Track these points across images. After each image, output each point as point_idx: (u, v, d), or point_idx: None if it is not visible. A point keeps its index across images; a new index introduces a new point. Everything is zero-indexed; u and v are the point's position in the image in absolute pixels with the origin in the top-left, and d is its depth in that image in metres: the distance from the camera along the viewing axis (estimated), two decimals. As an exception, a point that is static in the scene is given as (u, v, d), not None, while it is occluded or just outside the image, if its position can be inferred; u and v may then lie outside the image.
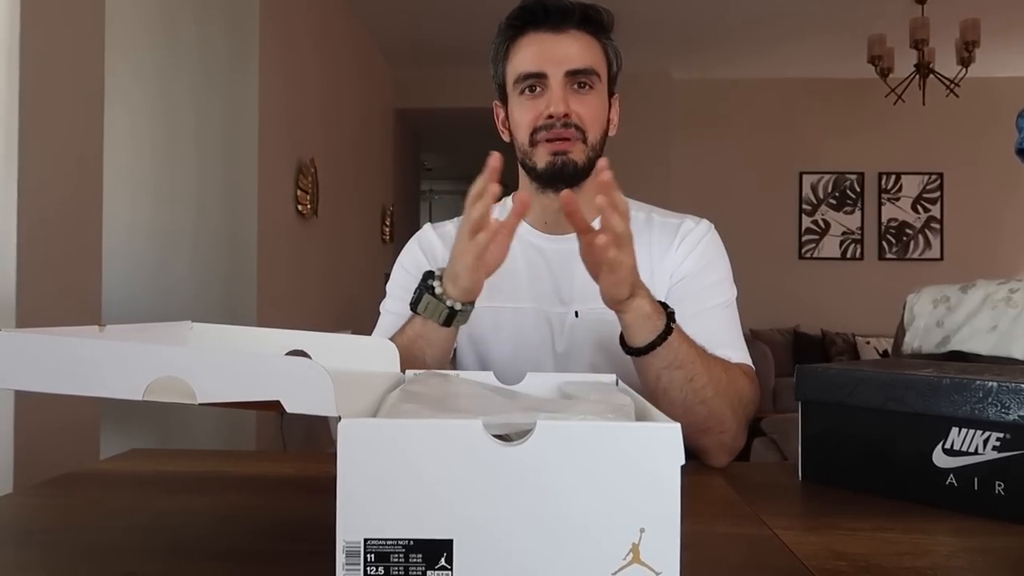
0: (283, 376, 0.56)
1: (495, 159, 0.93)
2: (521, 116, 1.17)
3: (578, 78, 1.14)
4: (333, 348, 0.92)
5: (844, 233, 6.36)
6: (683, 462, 0.55)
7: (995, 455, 0.77)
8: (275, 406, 0.56)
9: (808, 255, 6.36)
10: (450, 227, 1.31)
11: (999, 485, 0.76)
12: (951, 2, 4.48)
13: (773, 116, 6.29)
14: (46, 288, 1.68)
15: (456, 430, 0.55)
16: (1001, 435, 0.76)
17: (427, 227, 1.34)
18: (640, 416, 0.66)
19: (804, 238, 6.37)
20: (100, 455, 1.92)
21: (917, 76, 4.66)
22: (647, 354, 0.97)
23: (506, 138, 1.23)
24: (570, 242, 1.18)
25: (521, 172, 1.23)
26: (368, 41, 5.29)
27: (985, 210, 6.20)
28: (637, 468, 0.55)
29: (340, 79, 4.48)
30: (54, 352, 0.58)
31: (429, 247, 1.30)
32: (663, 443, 0.55)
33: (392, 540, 0.54)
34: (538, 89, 1.14)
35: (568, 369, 1.17)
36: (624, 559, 0.55)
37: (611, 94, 1.21)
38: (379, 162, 5.66)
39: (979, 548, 0.70)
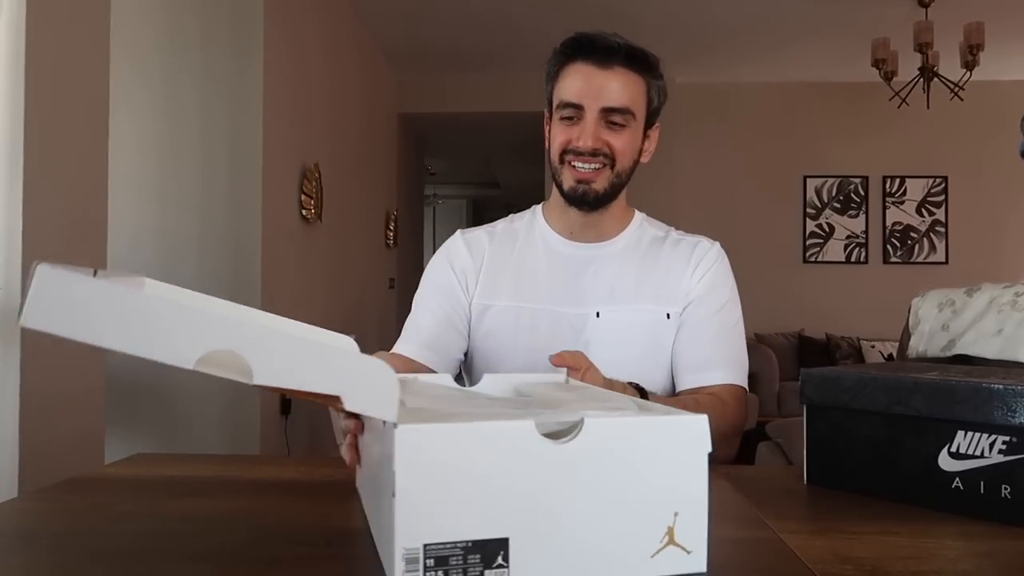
0: (349, 371, 0.54)
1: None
2: (556, 137, 1.26)
3: (612, 116, 1.22)
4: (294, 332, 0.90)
5: (849, 237, 6.35)
6: (711, 450, 0.60)
7: (1001, 459, 0.76)
8: (331, 400, 0.54)
9: (813, 259, 6.35)
10: (481, 233, 1.40)
11: (1005, 489, 0.76)
12: (955, 5, 4.48)
13: (777, 120, 6.29)
14: (51, 293, 1.68)
15: (510, 431, 0.56)
16: (1007, 438, 0.76)
17: (457, 235, 1.42)
18: (642, 410, 0.69)
19: (808, 242, 6.37)
20: (105, 460, 1.92)
21: (921, 79, 4.66)
22: None
23: (548, 145, 1.31)
24: (592, 249, 1.34)
25: (554, 184, 1.33)
26: (372, 45, 5.30)
27: (990, 213, 6.19)
28: (671, 457, 0.59)
29: (344, 84, 4.49)
30: (103, 298, 0.50)
31: (456, 255, 1.37)
32: (694, 433, 0.60)
33: (451, 543, 0.54)
34: (574, 118, 1.23)
35: None
36: (661, 541, 0.59)
37: (650, 126, 1.30)
38: (383, 166, 5.67)
39: (985, 552, 0.69)
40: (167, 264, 3.01)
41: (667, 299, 1.29)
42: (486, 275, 1.34)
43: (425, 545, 0.53)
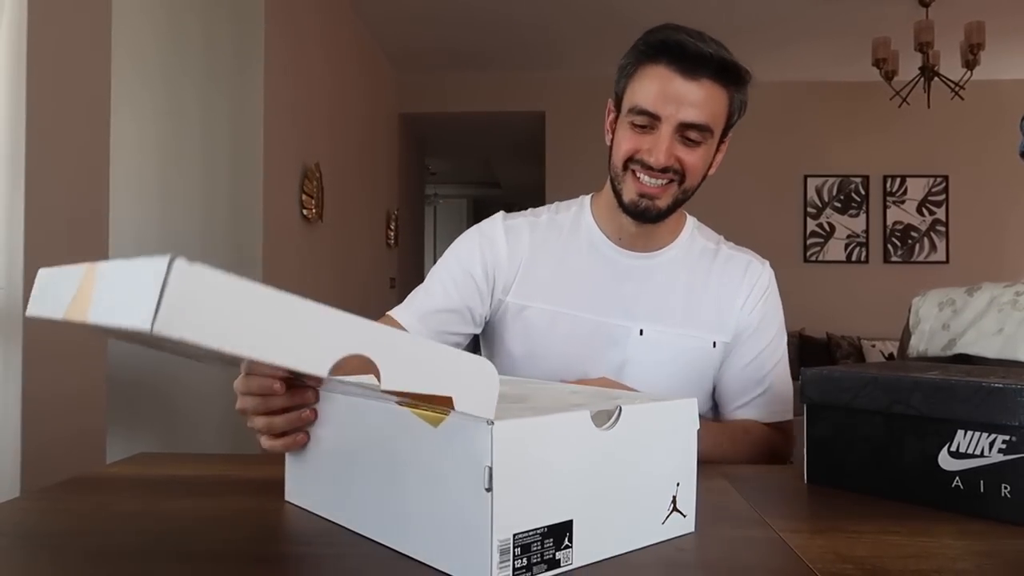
0: (460, 372, 0.55)
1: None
2: (623, 142, 1.15)
3: (689, 132, 1.11)
4: None
5: (849, 236, 6.35)
6: (699, 427, 0.71)
7: (1001, 458, 0.76)
8: (440, 401, 0.54)
9: (813, 258, 6.35)
10: (523, 223, 1.28)
11: (1005, 488, 0.76)
12: (956, 5, 4.47)
13: (777, 119, 6.28)
14: (53, 293, 1.68)
15: (575, 421, 0.61)
16: (1007, 438, 0.76)
17: (498, 220, 1.29)
18: (614, 398, 0.74)
19: (809, 241, 6.36)
20: (106, 459, 1.92)
21: (922, 79, 4.66)
22: None
23: (608, 140, 1.22)
24: (644, 259, 1.25)
25: (609, 181, 1.23)
26: (373, 45, 5.30)
27: (991, 213, 6.19)
28: (675, 436, 0.70)
29: (345, 83, 4.49)
30: (239, 300, 0.46)
31: (492, 245, 1.26)
32: (689, 415, 0.71)
33: (532, 530, 0.58)
34: (647, 127, 1.12)
35: (623, 382, 1.16)
36: (668, 508, 0.68)
37: (723, 139, 1.20)
38: (384, 166, 5.67)
39: (985, 551, 0.70)
40: (168, 264, 3.01)
41: (716, 327, 1.22)
42: (524, 272, 1.24)
43: (515, 535, 0.56)
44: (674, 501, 0.68)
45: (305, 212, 3.63)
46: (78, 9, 1.80)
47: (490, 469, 0.55)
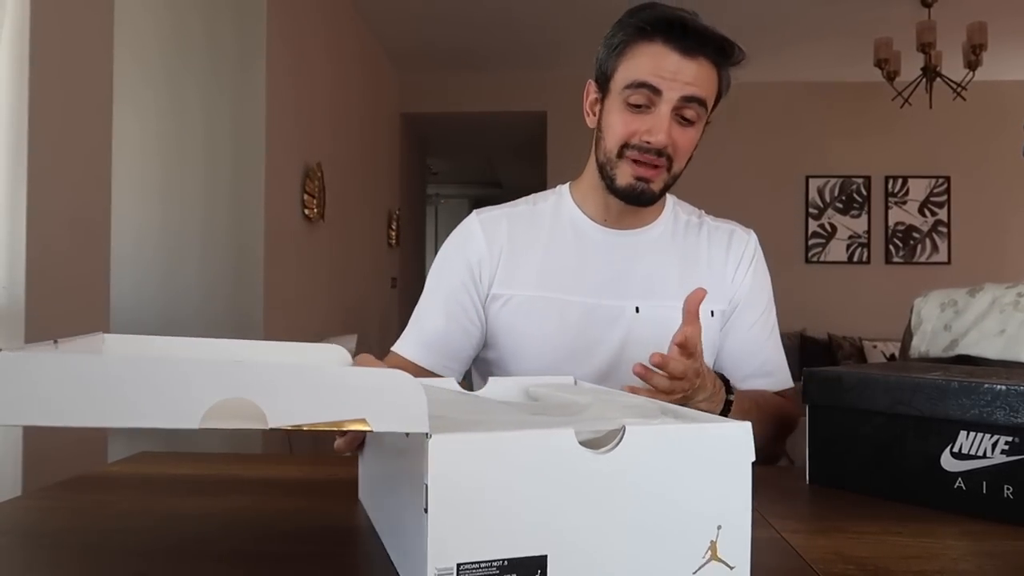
0: (369, 391, 0.50)
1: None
2: (618, 126, 1.12)
3: (689, 107, 1.09)
4: (283, 357, 0.84)
5: (851, 237, 6.34)
6: (754, 459, 0.57)
7: (1003, 459, 0.76)
8: (358, 424, 0.50)
9: (815, 259, 6.35)
10: (499, 215, 1.26)
11: (1007, 489, 0.76)
12: (958, 5, 4.47)
13: (779, 120, 6.28)
14: (55, 293, 1.68)
15: (549, 440, 0.53)
16: (1010, 439, 0.76)
17: (472, 217, 1.27)
18: (666, 414, 0.66)
19: (811, 242, 6.36)
20: (108, 458, 1.92)
21: (924, 80, 4.65)
22: None
23: (590, 123, 1.19)
24: (631, 236, 1.22)
25: (592, 164, 1.20)
26: (374, 45, 5.30)
27: (992, 213, 6.18)
28: (714, 467, 0.56)
29: (347, 83, 4.49)
30: (79, 375, 0.45)
31: (470, 241, 1.24)
32: (737, 442, 0.57)
33: (486, 562, 0.51)
34: (644, 106, 1.09)
35: (625, 363, 1.13)
36: (704, 557, 0.56)
37: (707, 123, 1.18)
38: (385, 166, 5.67)
39: (987, 552, 0.69)
40: (169, 263, 3.02)
41: (711, 296, 1.14)
42: (506, 262, 1.20)
43: (459, 565, 0.50)
44: (713, 548, 0.56)
45: (306, 212, 3.64)
46: (81, 8, 1.81)
47: (426, 487, 0.50)
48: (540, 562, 0.52)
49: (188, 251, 3.04)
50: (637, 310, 1.18)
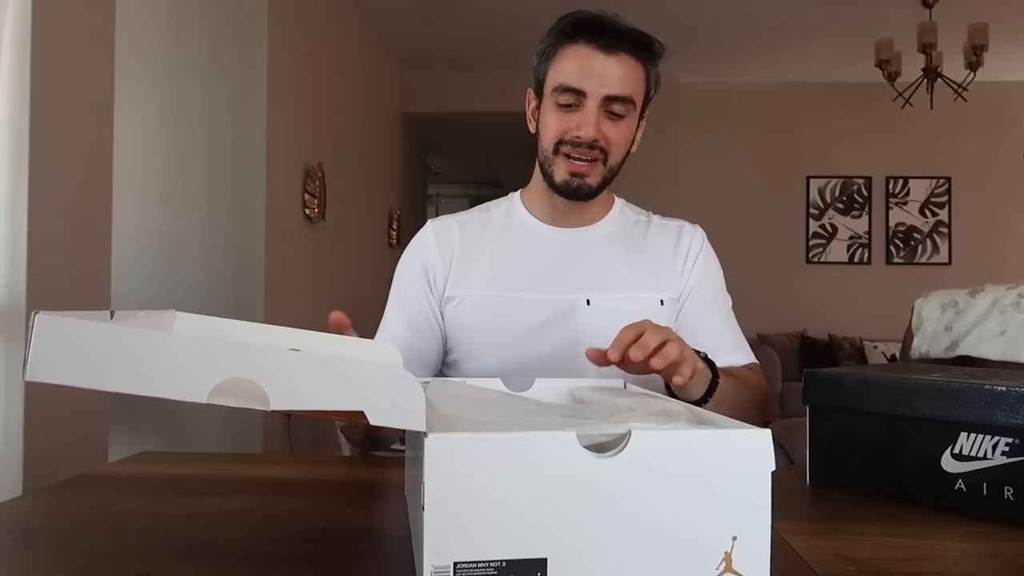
0: (369, 385, 0.51)
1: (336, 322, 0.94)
2: (551, 125, 1.18)
3: (614, 105, 1.15)
4: (332, 348, 0.88)
5: (852, 237, 6.34)
6: (774, 468, 0.55)
7: (1004, 460, 0.76)
8: (355, 416, 0.52)
9: (815, 259, 6.35)
10: (452, 222, 1.31)
11: (1008, 490, 0.76)
12: (959, 6, 4.47)
13: (780, 120, 6.28)
14: (56, 293, 1.69)
15: (549, 442, 0.52)
16: (1010, 440, 0.76)
17: (427, 226, 1.33)
18: (700, 421, 0.65)
19: (811, 242, 6.36)
20: (109, 458, 1.92)
21: (925, 80, 4.65)
22: (701, 405, 0.99)
23: (532, 128, 1.25)
24: (579, 234, 1.28)
25: (538, 167, 1.26)
26: (376, 45, 5.30)
27: (993, 214, 6.18)
28: (729, 475, 0.55)
29: (348, 83, 4.49)
30: (106, 342, 0.49)
31: (424, 248, 1.29)
32: (755, 449, 0.55)
33: (484, 562, 0.51)
34: (573, 105, 1.16)
35: (580, 354, 1.15)
36: (717, 568, 0.54)
37: (641, 116, 1.24)
38: (386, 166, 5.67)
39: (988, 553, 0.69)
40: (171, 263, 3.02)
41: (660, 285, 1.25)
42: (458, 265, 1.25)
43: (456, 563, 0.50)
44: (728, 559, 0.54)
45: (307, 211, 3.64)
46: (82, 8, 1.81)
47: (423, 485, 0.51)
48: (540, 565, 0.52)
49: (189, 251, 3.04)
50: (588, 303, 1.22)
